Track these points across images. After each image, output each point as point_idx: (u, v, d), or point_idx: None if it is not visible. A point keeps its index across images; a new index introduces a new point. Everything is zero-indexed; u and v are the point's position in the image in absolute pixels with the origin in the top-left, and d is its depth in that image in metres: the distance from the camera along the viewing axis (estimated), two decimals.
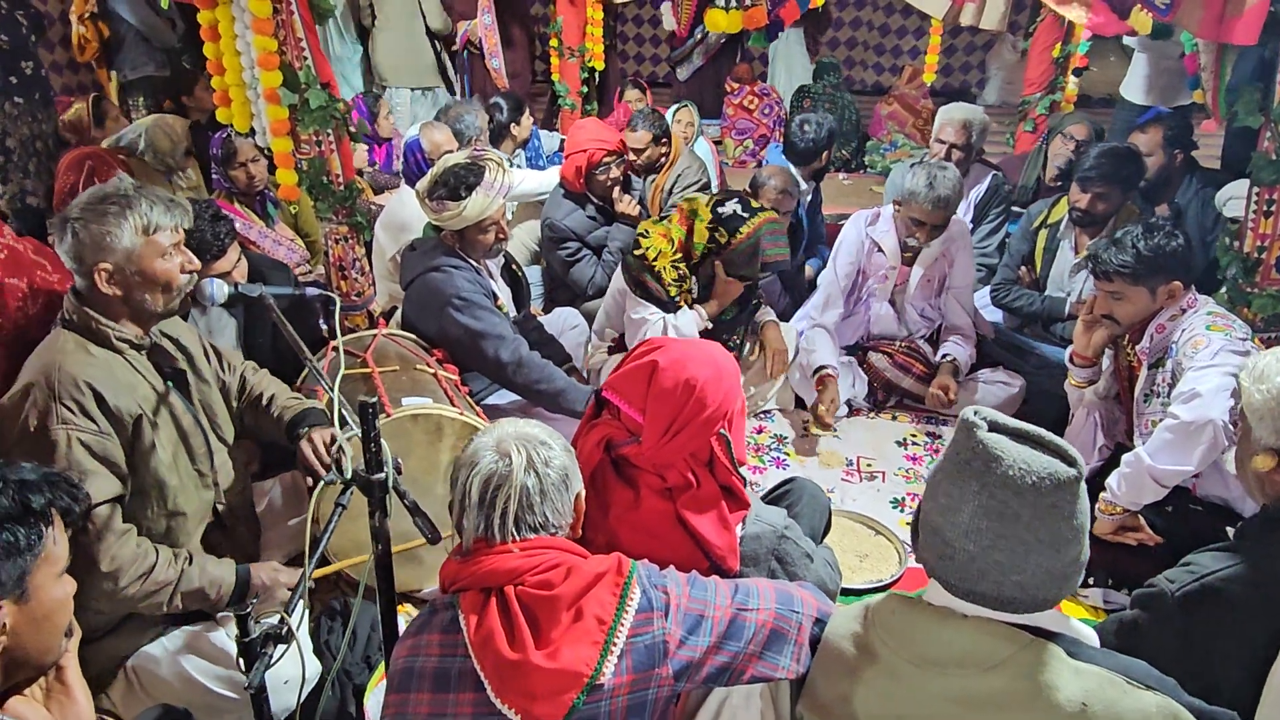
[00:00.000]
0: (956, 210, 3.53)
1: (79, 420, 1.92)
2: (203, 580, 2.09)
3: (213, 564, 2.14)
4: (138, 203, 2.01)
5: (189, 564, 2.08)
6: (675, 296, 3.19)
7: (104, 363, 2.02)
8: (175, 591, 2.05)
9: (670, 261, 3.19)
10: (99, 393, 1.96)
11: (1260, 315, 2.87)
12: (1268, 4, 2.53)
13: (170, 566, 2.05)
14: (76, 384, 1.93)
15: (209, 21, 3.23)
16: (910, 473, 3.29)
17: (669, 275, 3.18)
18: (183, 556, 2.08)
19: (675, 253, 3.20)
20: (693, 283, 3.25)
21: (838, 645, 1.50)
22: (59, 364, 1.95)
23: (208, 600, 2.11)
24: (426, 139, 3.92)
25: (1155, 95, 4.80)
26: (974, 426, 1.35)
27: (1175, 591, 1.66)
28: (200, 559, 2.12)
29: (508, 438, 1.57)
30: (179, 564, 2.07)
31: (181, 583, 2.06)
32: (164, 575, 2.03)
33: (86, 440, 1.92)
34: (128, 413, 2.01)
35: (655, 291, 3.19)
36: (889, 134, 6.81)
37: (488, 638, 1.46)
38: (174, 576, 2.05)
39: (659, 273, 3.18)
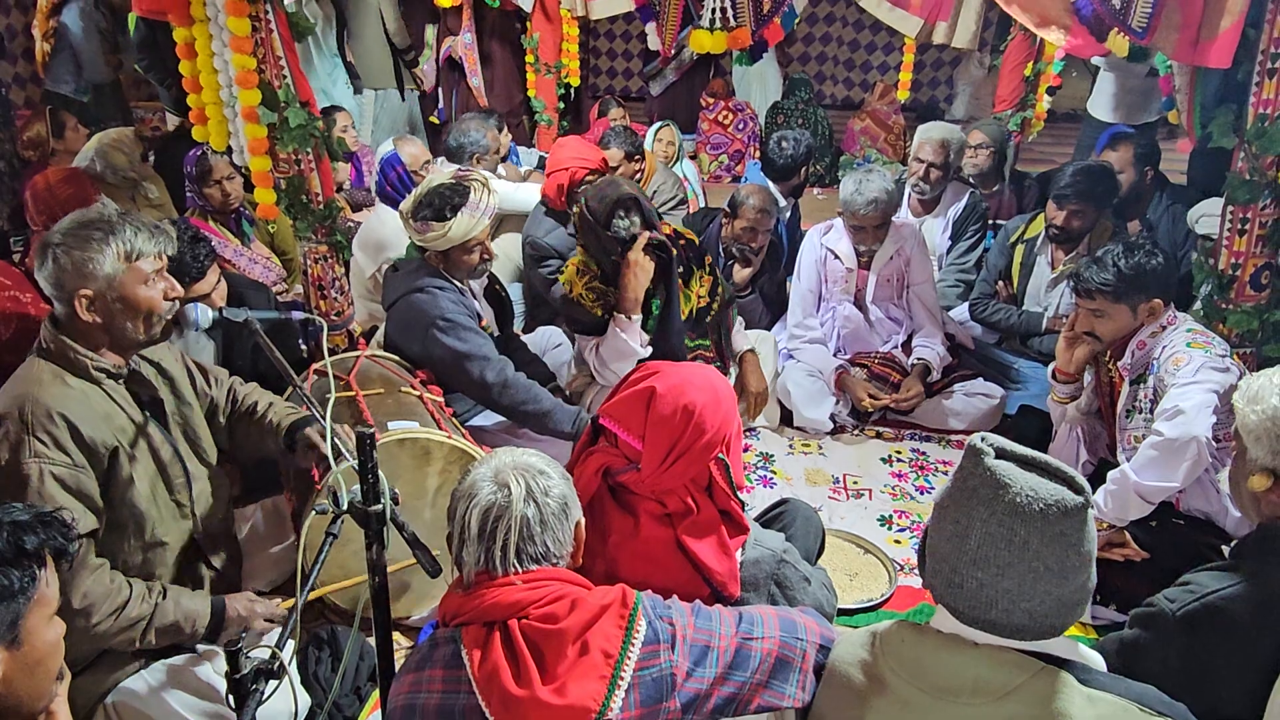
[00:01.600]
0: (898, 209, 3.72)
1: (52, 453, 1.87)
2: (177, 614, 2.03)
3: (187, 597, 2.08)
4: (121, 229, 1.97)
5: (163, 598, 2.02)
6: (604, 315, 3.15)
7: (80, 393, 1.97)
8: (149, 627, 1.99)
9: (584, 285, 3.16)
10: (74, 425, 1.91)
11: (1235, 331, 2.92)
12: (1240, 28, 2.59)
13: (144, 601, 1.99)
14: (50, 416, 1.88)
15: (185, 39, 3.17)
16: (896, 490, 3.31)
17: (588, 299, 3.15)
18: (156, 591, 2.02)
19: (583, 275, 3.17)
20: (614, 294, 3.15)
21: (845, 673, 1.49)
22: (33, 395, 1.90)
23: (182, 634, 2.06)
24: (404, 153, 3.89)
25: (1122, 113, 4.91)
26: (981, 453, 1.35)
27: (1176, 611, 1.67)
28: (175, 592, 2.06)
29: (505, 468, 1.54)
30: (153, 598, 2.01)
31: (155, 618, 2.00)
32: (137, 611, 1.97)
33: (59, 474, 1.87)
34: (103, 444, 1.95)
35: (587, 321, 3.18)
36: (862, 149, 6.89)
37: (493, 673, 1.44)
38: (147, 612, 1.99)
39: (577, 300, 3.16)
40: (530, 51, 5.84)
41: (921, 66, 8.84)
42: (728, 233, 3.88)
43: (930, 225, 4.29)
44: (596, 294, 3.15)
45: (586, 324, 3.19)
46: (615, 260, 3.09)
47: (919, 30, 4.14)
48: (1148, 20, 2.67)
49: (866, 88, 8.04)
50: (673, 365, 1.82)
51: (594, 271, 3.17)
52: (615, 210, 3.04)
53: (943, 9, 4.22)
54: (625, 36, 9.29)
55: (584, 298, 3.15)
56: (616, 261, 3.09)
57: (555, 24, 5.74)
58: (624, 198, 3.05)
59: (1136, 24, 2.69)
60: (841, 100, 9.14)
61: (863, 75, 9.19)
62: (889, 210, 3.57)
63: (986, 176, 4.55)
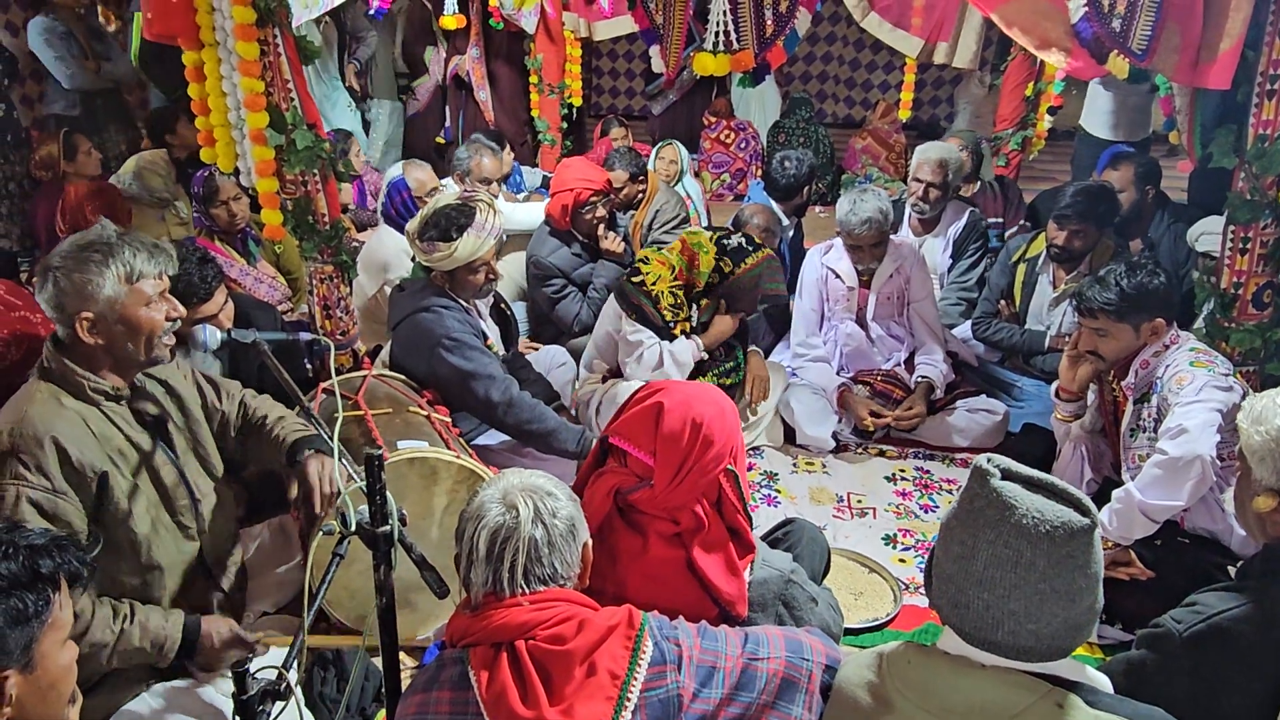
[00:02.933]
0: (893, 228, 3.76)
1: (31, 477, 1.86)
2: (143, 640, 1.98)
3: (156, 619, 2.02)
4: (120, 250, 1.96)
5: (129, 623, 1.97)
6: (671, 323, 3.24)
7: (75, 415, 1.96)
8: (112, 653, 1.95)
9: (669, 287, 3.26)
10: (63, 449, 1.90)
11: (1238, 349, 2.93)
12: (1240, 50, 2.62)
13: (107, 628, 1.94)
14: (38, 439, 1.88)
15: (194, 62, 3.21)
16: (901, 508, 3.31)
17: (666, 301, 3.24)
18: (122, 615, 1.98)
19: (674, 280, 3.27)
20: (691, 312, 3.32)
21: (852, 694, 1.49)
22: (25, 416, 1.90)
23: (149, 658, 2.01)
24: (411, 178, 3.93)
25: (1120, 130, 4.94)
26: (987, 474, 1.36)
27: (1183, 632, 1.68)
28: (143, 615, 2.01)
29: (513, 489, 1.55)
30: (118, 623, 1.96)
31: (120, 643, 1.95)
32: (99, 637, 1.93)
33: (36, 498, 1.86)
34: (92, 468, 1.94)
35: (651, 317, 3.25)
36: (864, 167, 6.92)
37: (500, 695, 1.44)
38: (110, 639, 1.94)
39: (656, 298, 3.24)
40: (534, 72, 5.89)
41: (922, 85, 8.91)
42: None
43: (931, 244, 4.31)
44: (676, 301, 3.28)
45: (648, 318, 3.27)
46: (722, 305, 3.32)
47: (920, 50, 4.19)
48: (1148, 42, 2.70)
49: (867, 106, 8.10)
50: (675, 383, 1.84)
51: (686, 285, 3.31)
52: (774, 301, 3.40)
53: (943, 30, 4.28)
54: (628, 56, 9.37)
55: (664, 297, 3.25)
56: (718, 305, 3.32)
57: (559, 45, 5.80)
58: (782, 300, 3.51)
59: (1136, 46, 2.71)
60: (842, 119, 9.20)
61: (863, 94, 9.26)
62: (884, 229, 3.60)
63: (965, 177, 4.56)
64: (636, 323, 3.27)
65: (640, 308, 3.26)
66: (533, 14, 5.55)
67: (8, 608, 1.16)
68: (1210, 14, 2.64)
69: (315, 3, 3.17)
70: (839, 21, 8.91)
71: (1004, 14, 2.90)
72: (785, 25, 3.23)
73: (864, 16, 4.09)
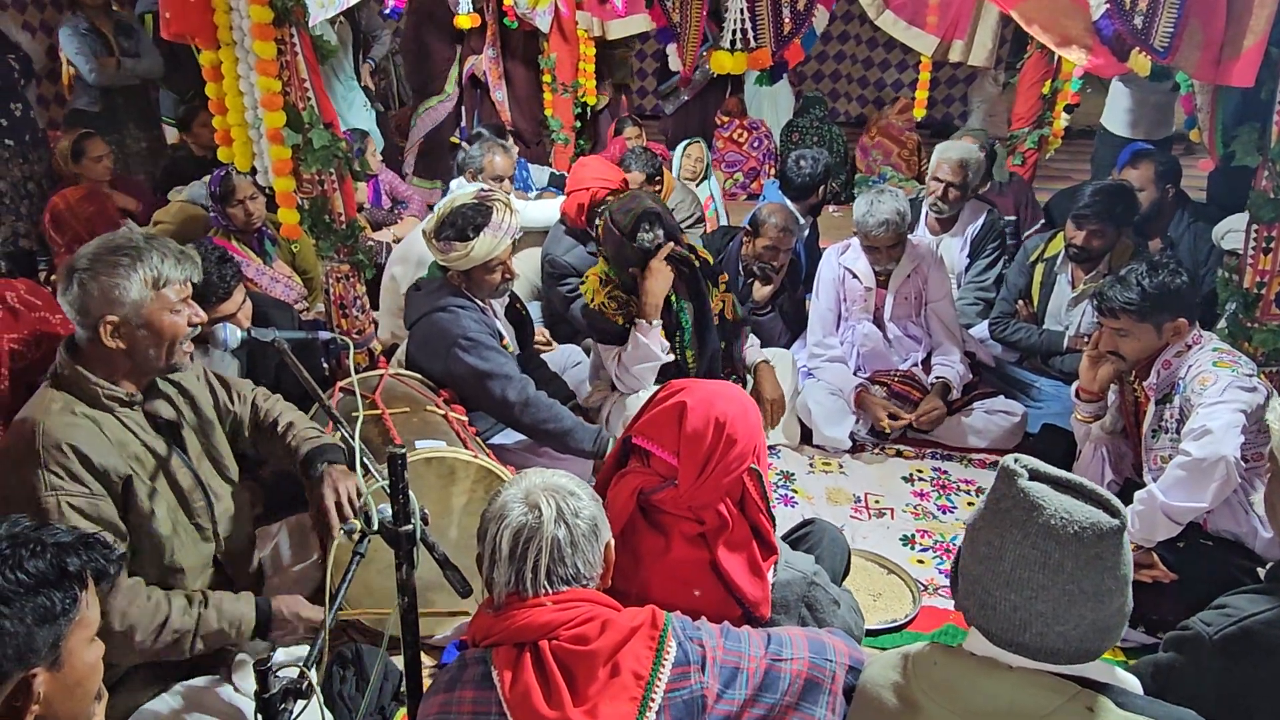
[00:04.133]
0: (911, 229, 3.74)
1: (68, 485, 1.87)
2: (221, 622, 2.03)
3: (229, 601, 2.07)
4: (148, 255, 1.96)
5: (204, 607, 2.02)
6: (626, 324, 3.20)
7: (90, 422, 1.96)
8: (195, 637, 2.00)
9: (604, 295, 3.22)
10: (84, 454, 1.90)
11: (1261, 349, 2.91)
12: (1264, 47, 2.59)
13: (185, 614, 1.99)
14: (60, 447, 1.88)
15: (211, 62, 3.22)
16: (919, 509, 3.29)
17: (610, 307, 3.21)
18: (198, 601, 2.02)
19: (607, 284, 3.24)
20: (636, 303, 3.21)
21: (877, 696, 1.48)
22: (41, 427, 1.89)
23: (229, 639, 2.05)
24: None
25: (1141, 129, 4.90)
26: (1014, 475, 1.35)
27: (1213, 635, 1.66)
28: (216, 599, 2.05)
29: (536, 489, 1.55)
30: (194, 609, 2.01)
31: (200, 628, 2.00)
32: (180, 623, 1.97)
33: (78, 504, 1.87)
34: (116, 473, 1.95)
35: (610, 331, 3.21)
36: (876, 165, 6.89)
37: (524, 695, 1.44)
38: (191, 625, 1.99)
39: (599, 310, 3.21)
40: (547, 71, 5.88)
41: (936, 84, 8.87)
42: (749, 251, 3.90)
43: (948, 244, 4.29)
44: (619, 303, 3.21)
45: (608, 333, 3.24)
46: (636, 271, 3.14)
47: (935, 49, 4.16)
48: (1170, 40, 2.68)
49: (880, 105, 8.07)
50: (698, 381, 1.83)
51: (615, 281, 3.23)
52: (640, 223, 3.10)
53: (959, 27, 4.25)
54: (640, 55, 9.35)
55: (605, 307, 3.20)
56: (635, 273, 3.14)
57: (572, 44, 5.79)
58: (648, 211, 3.12)
59: (1158, 43, 2.69)
60: (855, 118, 9.16)
61: (876, 93, 9.22)
62: (902, 230, 3.58)
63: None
64: (604, 345, 3.27)
65: (598, 328, 3.25)
66: (547, 13, 5.54)
67: (35, 605, 1.16)
68: (1233, 10, 2.62)
69: (332, 2, 3.18)
70: (852, 20, 8.88)
71: (1024, 11, 2.88)
72: (803, 23, 3.22)
73: (879, 14, 4.07)
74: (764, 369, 3.55)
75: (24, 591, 1.15)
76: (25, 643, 1.14)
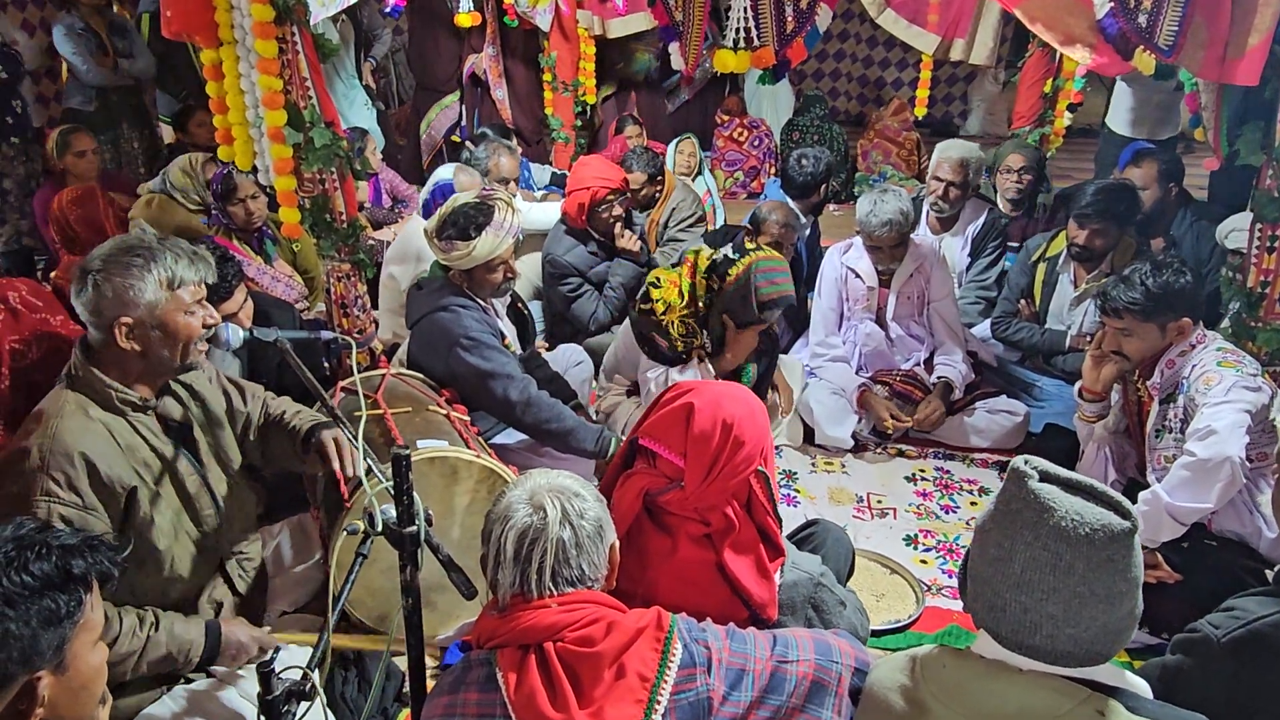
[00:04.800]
0: (914, 228, 3.72)
1: (63, 494, 1.86)
2: (170, 646, 1.99)
3: (180, 625, 2.03)
4: (162, 255, 1.95)
5: (154, 630, 1.98)
6: (683, 352, 3.15)
7: (102, 428, 1.95)
8: (140, 660, 1.95)
9: (679, 316, 3.14)
10: (92, 464, 1.89)
11: (1265, 349, 2.90)
12: (1269, 45, 2.59)
13: (134, 637, 1.94)
14: (69, 456, 1.87)
15: (212, 60, 3.21)
16: (921, 509, 3.29)
17: (675, 330, 3.14)
18: (148, 623, 1.98)
19: (684, 306, 3.15)
20: (705, 337, 3.17)
21: (885, 698, 1.47)
22: (55, 431, 1.89)
23: (175, 664, 2.02)
24: (459, 184, 3.91)
25: (1144, 128, 4.89)
26: (1025, 476, 1.34)
27: (1221, 637, 1.65)
28: (168, 622, 2.01)
29: (540, 490, 1.54)
30: (144, 631, 1.97)
31: (147, 651, 1.96)
32: (126, 647, 1.93)
33: (67, 514, 1.86)
34: (121, 483, 1.94)
35: (661, 347, 3.17)
36: (877, 165, 6.89)
37: (530, 697, 1.43)
38: (137, 647, 1.94)
39: (665, 327, 3.14)
40: (548, 70, 5.88)
41: (936, 83, 8.87)
42: None
43: (949, 243, 4.28)
44: (687, 330, 3.15)
45: (660, 350, 3.18)
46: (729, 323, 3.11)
47: (936, 47, 4.15)
48: (1174, 38, 2.67)
49: (880, 104, 8.06)
50: (705, 383, 1.83)
51: (695, 310, 3.16)
52: (778, 304, 3.07)
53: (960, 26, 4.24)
54: None
55: (673, 327, 3.13)
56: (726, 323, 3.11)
57: (573, 43, 5.78)
58: (789, 300, 3.10)
59: (1163, 42, 2.68)
60: (855, 116, 9.16)
61: (876, 92, 9.21)
62: (905, 230, 3.58)
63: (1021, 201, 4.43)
64: (649, 357, 3.21)
65: (651, 339, 3.18)
66: (547, 11, 5.54)
67: (41, 608, 1.15)
68: (1238, 9, 2.61)
69: (333, 0, 3.16)
70: (852, 19, 8.88)
71: (1027, 10, 2.87)
72: (806, 22, 3.21)
73: (880, 13, 4.06)
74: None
75: (29, 594, 1.14)
76: (30, 645, 1.14)
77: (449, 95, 6.19)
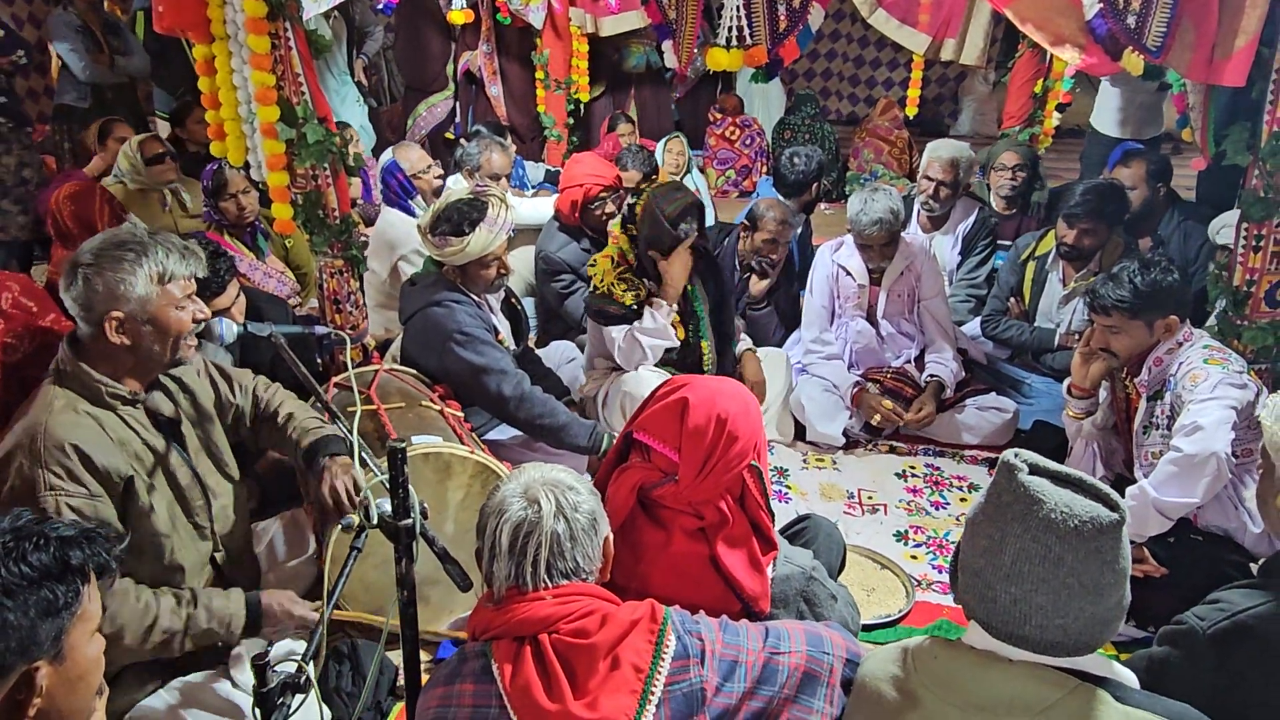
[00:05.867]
0: (904, 227, 3.77)
1: (67, 485, 1.86)
2: (210, 621, 2.03)
3: (219, 600, 2.06)
4: (153, 250, 1.95)
5: (193, 607, 2.01)
6: (634, 305, 3.23)
7: (92, 422, 1.95)
8: (185, 637, 1.99)
9: (616, 275, 3.25)
10: (86, 454, 1.89)
11: (1251, 347, 2.93)
12: (1255, 47, 2.61)
13: (174, 615, 1.98)
14: (62, 448, 1.87)
15: (204, 56, 3.20)
16: (912, 505, 3.31)
17: (619, 289, 3.23)
18: (186, 600, 2.02)
19: (618, 266, 3.27)
20: (647, 285, 3.28)
21: (876, 688, 1.49)
22: (44, 426, 1.89)
23: (218, 637, 2.05)
24: (403, 159, 3.96)
25: (1130, 128, 4.93)
26: (1015, 469, 1.36)
27: (1207, 629, 1.68)
28: (205, 598, 2.05)
29: (535, 484, 1.55)
30: (183, 610, 2.00)
31: (189, 627, 2.00)
32: (169, 624, 1.97)
33: (77, 505, 1.86)
34: (116, 473, 1.94)
35: (615, 312, 3.24)
36: (868, 164, 6.92)
37: (525, 689, 1.44)
38: (179, 625, 1.98)
39: (609, 292, 3.23)
40: (540, 68, 5.88)
41: (926, 82, 8.88)
42: (746, 246, 3.91)
43: (940, 241, 4.31)
44: (628, 284, 3.24)
45: (615, 315, 3.25)
46: (657, 255, 3.20)
47: (927, 47, 4.17)
48: (1162, 39, 2.69)
49: (871, 104, 8.09)
50: (700, 378, 1.84)
51: (629, 263, 3.27)
52: (685, 214, 3.16)
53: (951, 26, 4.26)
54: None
55: (615, 287, 3.22)
56: (655, 256, 3.20)
57: (565, 41, 5.79)
58: (695, 204, 3.21)
59: (1151, 43, 2.71)
60: (846, 116, 9.19)
61: (867, 91, 9.24)
62: (895, 229, 3.60)
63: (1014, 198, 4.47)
64: (606, 325, 3.28)
65: (603, 310, 3.26)
66: (540, 9, 5.54)
67: (39, 599, 1.16)
68: (1225, 10, 2.63)
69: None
70: (844, 19, 8.90)
71: (1018, 10, 2.89)
72: (799, 21, 3.22)
73: (871, 13, 4.07)
74: (749, 356, 3.60)
75: (27, 584, 1.15)
76: (29, 635, 1.14)
77: (436, 93, 6.19)
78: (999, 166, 4.43)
